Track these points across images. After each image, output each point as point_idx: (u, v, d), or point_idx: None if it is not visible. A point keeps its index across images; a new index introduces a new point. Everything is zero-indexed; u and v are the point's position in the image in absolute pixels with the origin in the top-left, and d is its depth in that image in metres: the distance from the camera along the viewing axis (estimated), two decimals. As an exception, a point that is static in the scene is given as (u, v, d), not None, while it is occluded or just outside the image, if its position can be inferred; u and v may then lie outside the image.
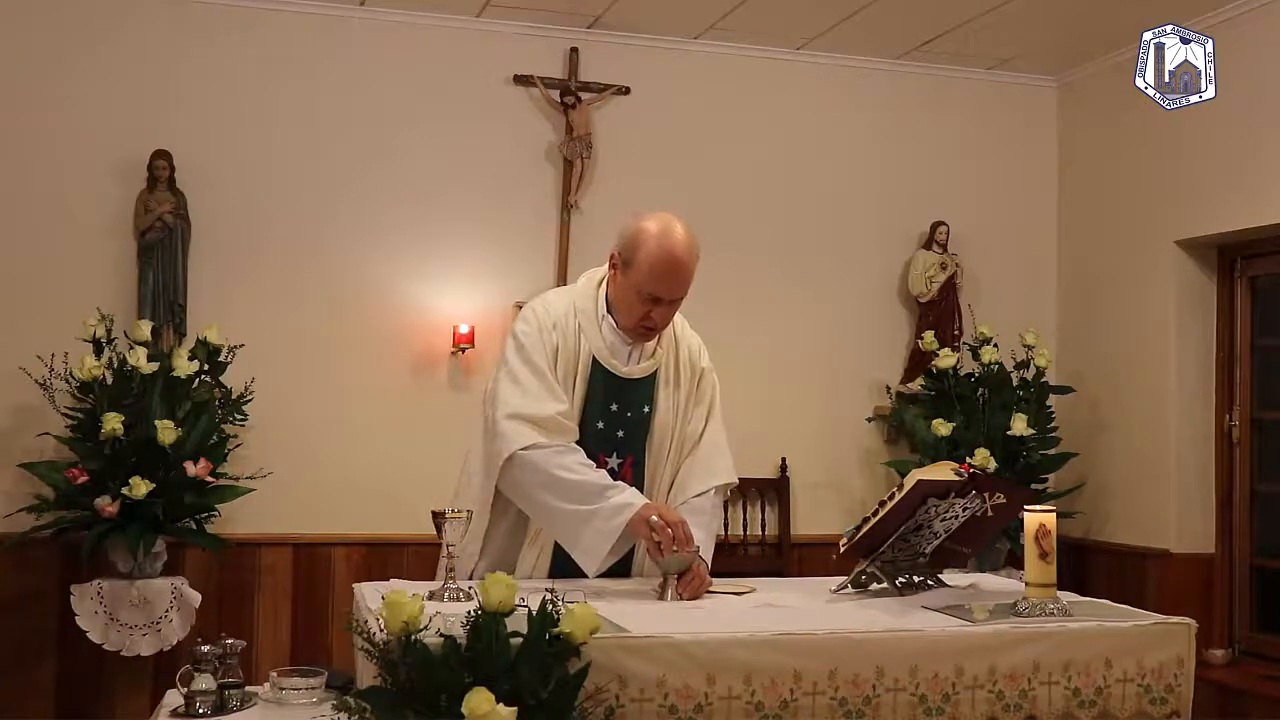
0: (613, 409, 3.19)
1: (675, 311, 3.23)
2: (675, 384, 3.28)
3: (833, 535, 3.95)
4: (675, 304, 3.18)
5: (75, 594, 4.89)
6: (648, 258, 3.10)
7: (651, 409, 3.23)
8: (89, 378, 4.86)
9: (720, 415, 3.38)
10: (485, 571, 2.91)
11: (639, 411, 3.22)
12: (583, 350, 3.18)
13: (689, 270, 3.15)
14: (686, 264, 3.13)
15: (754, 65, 6.19)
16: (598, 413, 3.17)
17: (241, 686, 2.77)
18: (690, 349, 3.36)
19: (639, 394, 3.22)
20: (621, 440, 3.19)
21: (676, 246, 3.12)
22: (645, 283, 3.09)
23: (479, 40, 5.85)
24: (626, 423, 3.20)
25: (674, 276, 3.12)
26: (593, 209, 5.90)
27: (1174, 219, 5.78)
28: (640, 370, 3.22)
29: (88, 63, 5.40)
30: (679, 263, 3.12)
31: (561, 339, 3.17)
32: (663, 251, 3.10)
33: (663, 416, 3.25)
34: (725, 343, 6.05)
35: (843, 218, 6.28)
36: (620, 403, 3.19)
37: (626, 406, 3.20)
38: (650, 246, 3.10)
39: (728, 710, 2.40)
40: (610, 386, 3.18)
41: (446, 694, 2.17)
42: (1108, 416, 6.12)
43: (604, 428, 3.18)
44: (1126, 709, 2.64)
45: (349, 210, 5.68)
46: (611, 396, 3.19)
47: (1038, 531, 2.70)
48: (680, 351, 3.32)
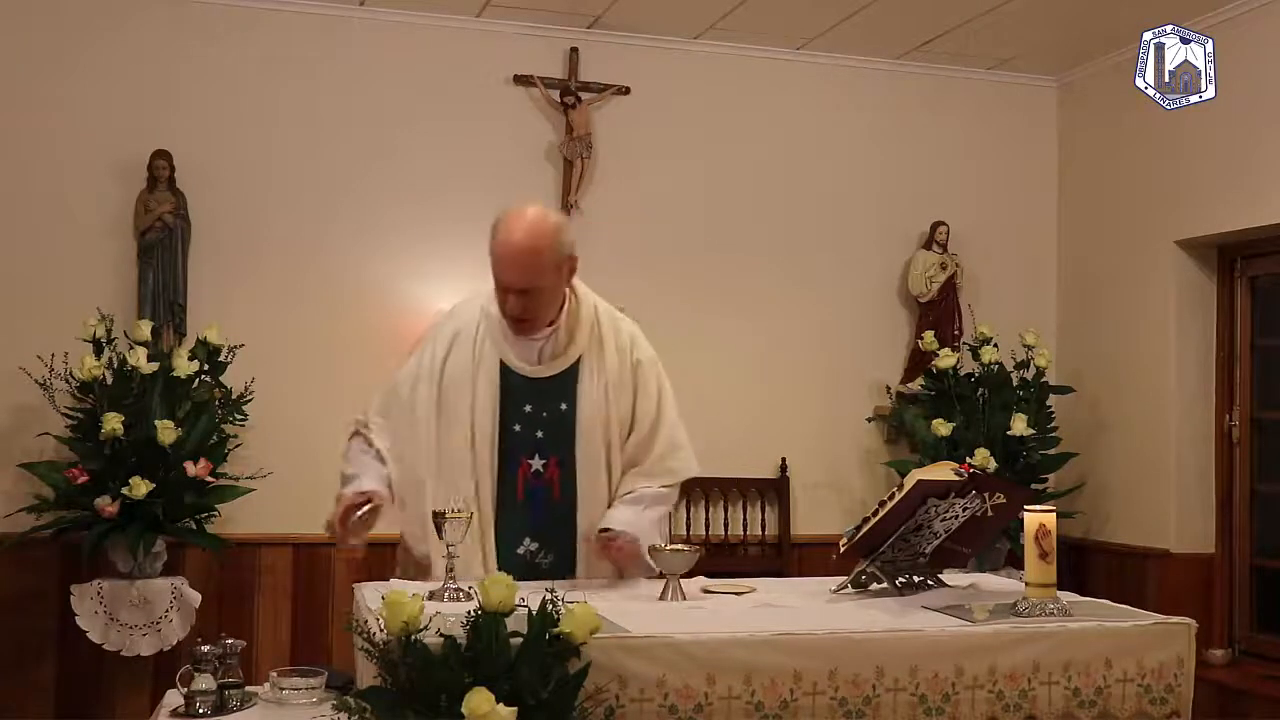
0: (526, 410, 3.14)
1: (539, 303, 3.10)
2: (600, 380, 3.19)
3: (833, 535, 3.95)
4: (531, 294, 3.06)
5: (75, 594, 4.89)
6: (493, 246, 3.07)
7: (571, 407, 3.17)
8: (89, 378, 4.86)
9: (671, 407, 3.30)
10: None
11: (556, 410, 3.16)
12: (487, 354, 3.15)
13: (527, 258, 3.03)
14: (524, 251, 3.03)
15: (754, 65, 6.19)
16: (513, 415, 3.14)
17: (241, 686, 2.77)
18: (619, 342, 3.25)
19: (555, 393, 3.17)
20: (542, 441, 3.14)
21: (514, 233, 3.03)
22: (495, 270, 3.06)
23: (479, 40, 5.85)
24: (544, 423, 3.15)
25: (511, 263, 3.03)
26: (593, 209, 5.90)
27: (1174, 219, 5.78)
28: (550, 369, 3.17)
29: (88, 63, 5.40)
30: (515, 249, 3.03)
31: (459, 348, 3.16)
32: (501, 238, 3.05)
33: (588, 414, 3.17)
34: (725, 342, 6.13)
35: (843, 218, 6.28)
36: (534, 403, 3.15)
37: (542, 406, 3.15)
38: (496, 235, 3.06)
39: (728, 710, 2.40)
40: (522, 388, 3.15)
41: (446, 694, 2.17)
42: (1108, 416, 6.12)
43: (521, 430, 3.14)
44: (1126, 709, 2.64)
45: (349, 210, 5.68)
46: (525, 398, 3.15)
47: (1038, 531, 2.70)
48: (607, 344, 3.23)
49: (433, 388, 3.16)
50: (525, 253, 3.03)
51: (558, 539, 3.12)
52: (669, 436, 3.28)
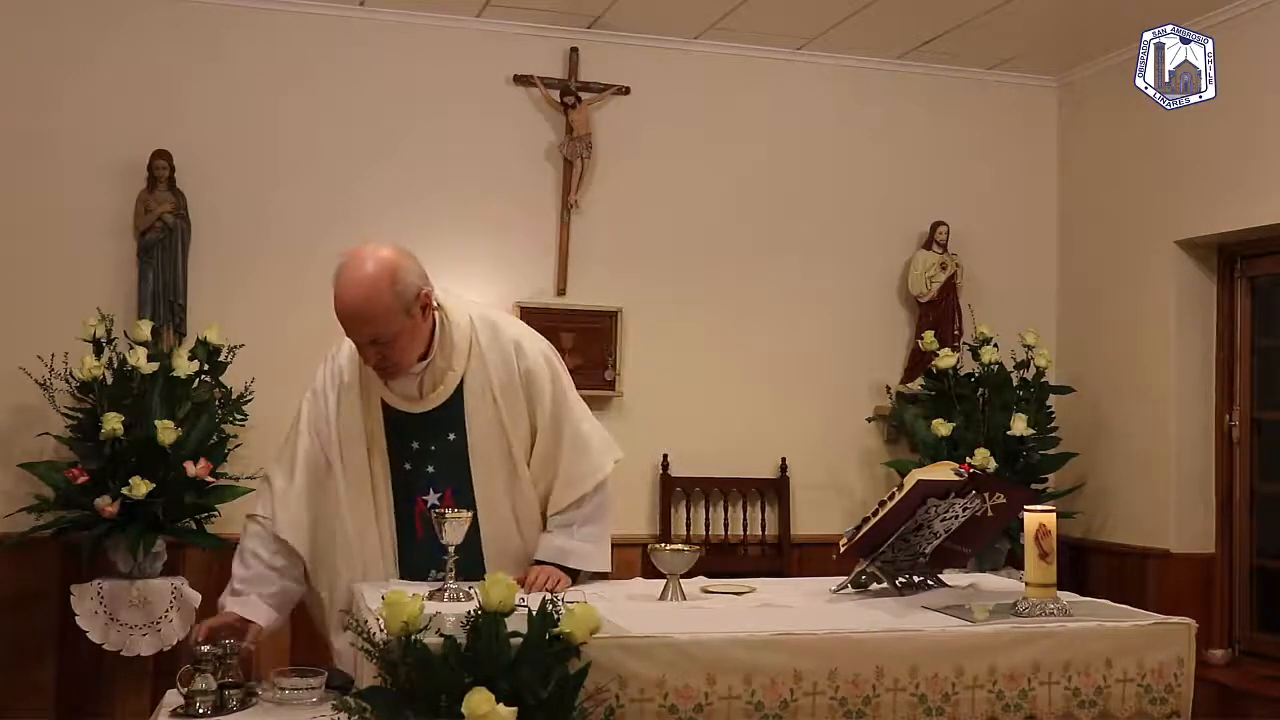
0: (414, 446, 3.08)
1: (396, 349, 2.96)
2: (488, 399, 3.08)
3: (833, 535, 3.95)
4: (383, 343, 2.94)
5: (75, 594, 4.89)
6: (334, 302, 2.93)
7: (461, 435, 3.07)
8: (89, 378, 4.85)
9: (572, 406, 3.18)
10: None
11: (444, 442, 3.07)
12: (372, 397, 3.09)
13: (367, 311, 2.88)
14: (361, 305, 2.88)
15: (754, 65, 6.19)
16: (401, 454, 3.08)
17: (242, 686, 2.77)
18: (504, 351, 3.11)
19: (443, 424, 3.07)
20: (435, 475, 3.07)
21: (347, 289, 2.89)
22: (341, 325, 2.95)
23: (479, 40, 5.85)
24: (434, 456, 3.08)
25: (351, 319, 2.91)
26: (593, 209, 5.90)
27: (1174, 219, 5.78)
28: (431, 402, 3.06)
29: (88, 63, 5.40)
30: (351, 307, 2.89)
31: (344, 393, 3.09)
32: (337, 293, 2.92)
33: (480, 439, 3.07)
34: (725, 342, 6.13)
35: (843, 218, 6.28)
36: (421, 439, 3.08)
37: (430, 440, 3.07)
38: (335, 289, 2.92)
39: (728, 710, 2.41)
40: (407, 425, 3.08)
41: (446, 694, 2.17)
42: (1108, 416, 6.12)
43: (411, 468, 3.08)
44: (1126, 709, 2.64)
45: (349, 210, 5.67)
46: (411, 435, 3.08)
47: (1038, 531, 2.71)
48: (489, 358, 3.09)
49: (331, 438, 3.09)
50: (363, 306, 2.89)
51: (464, 569, 2.87)
52: (573, 438, 3.15)
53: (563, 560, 3.11)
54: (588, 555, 3.14)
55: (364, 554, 3.08)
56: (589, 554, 3.14)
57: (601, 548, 3.17)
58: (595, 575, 3.18)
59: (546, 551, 3.12)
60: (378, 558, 3.09)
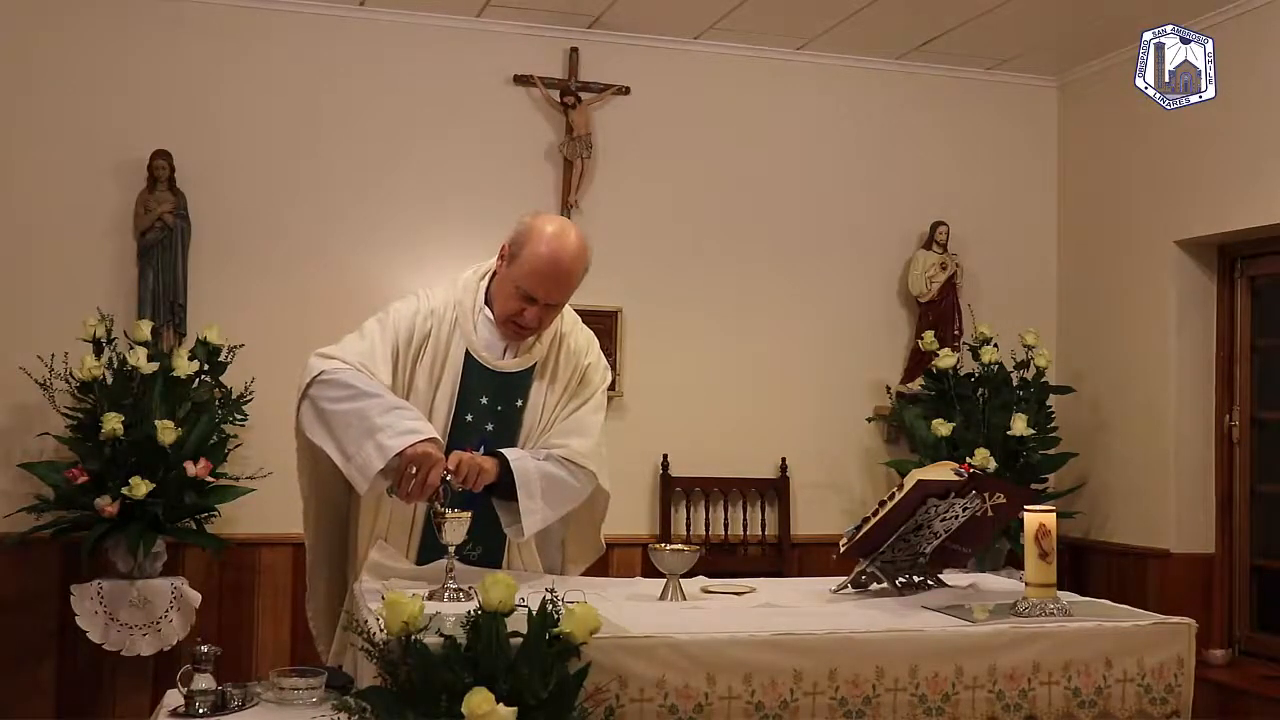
0: (483, 402, 3.14)
1: (553, 317, 3.16)
2: (551, 380, 3.22)
3: (833, 535, 3.95)
4: (551, 309, 3.12)
5: (75, 594, 4.89)
6: (533, 256, 3.05)
7: (524, 403, 3.19)
8: (89, 378, 4.85)
9: (599, 406, 3.27)
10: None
11: (510, 405, 3.17)
12: (455, 343, 3.15)
13: (571, 277, 3.09)
14: (570, 270, 3.08)
15: (754, 65, 6.19)
16: (468, 405, 3.13)
17: (242, 686, 2.77)
18: (574, 345, 3.27)
19: (513, 388, 3.17)
20: (490, 433, 3.13)
21: (564, 251, 3.06)
22: (525, 280, 3.05)
23: (479, 40, 5.85)
24: (497, 416, 3.15)
25: (554, 280, 3.06)
26: (593, 209, 5.90)
27: (1174, 219, 5.78)
28: (514, 364, 3.17)
29: (88, 62, 5.40)
30: (562, 267, 3.06)
31: (436, 326, 3.15)
32: (550, 253, 3.05)
33: (532, 412, 3.19)
34: (725, 342, 6.13)
35: (843, 218, 6.28)
36: (491, 396, 3.15)
37: (497, 400, 3.16)
38: (538, 246, 3.06)
39: (728, 710, 2.41)
40: (482, 380, 3.14)
41: (446, 694, 2.17)
42: (1108, 416, 6.12)
43: (473, 420, 3.13)
44: (1126, 709, 2.64)
45: (349, 210, 5.68)
46: (483, 390, 3.14)
47: (1038, 531, 2.71)
48: (562, 348, 3.25)
49: (407, 361, 3.13)
50: (569, 273, 3.08)
51: (487, 532, 3.07)
52: (581, 420, 3.20)
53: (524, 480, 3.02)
54: (526, 479, 3.03)
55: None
56: (533, 510, 3.03)
57: (542, 516, 3.06)
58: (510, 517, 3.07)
59: (520, 457, 3.05)
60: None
